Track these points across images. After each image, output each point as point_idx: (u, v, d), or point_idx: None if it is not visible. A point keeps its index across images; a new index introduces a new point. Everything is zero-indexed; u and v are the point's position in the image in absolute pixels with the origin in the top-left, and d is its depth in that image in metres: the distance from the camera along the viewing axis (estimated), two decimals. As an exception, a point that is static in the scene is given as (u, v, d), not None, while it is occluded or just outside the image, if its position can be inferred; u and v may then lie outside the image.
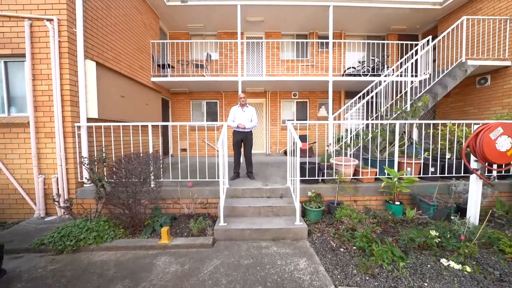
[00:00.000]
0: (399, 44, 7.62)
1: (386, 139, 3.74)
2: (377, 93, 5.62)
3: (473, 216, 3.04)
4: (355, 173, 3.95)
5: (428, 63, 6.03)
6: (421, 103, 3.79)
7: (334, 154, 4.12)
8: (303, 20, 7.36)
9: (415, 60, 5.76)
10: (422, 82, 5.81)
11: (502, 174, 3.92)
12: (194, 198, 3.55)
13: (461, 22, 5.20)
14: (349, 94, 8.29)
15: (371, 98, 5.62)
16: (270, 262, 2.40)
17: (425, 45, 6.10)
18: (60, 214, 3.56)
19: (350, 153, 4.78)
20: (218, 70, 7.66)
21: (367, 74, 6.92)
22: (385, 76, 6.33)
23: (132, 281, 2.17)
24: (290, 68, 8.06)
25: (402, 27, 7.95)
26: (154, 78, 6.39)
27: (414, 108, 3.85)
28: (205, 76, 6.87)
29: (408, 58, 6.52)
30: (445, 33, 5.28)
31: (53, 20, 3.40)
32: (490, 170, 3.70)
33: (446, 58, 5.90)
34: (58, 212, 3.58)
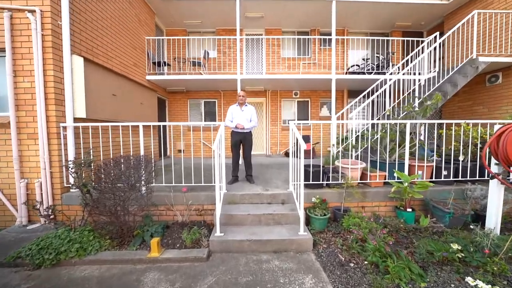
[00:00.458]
0: (404, 41, 7.34)
1: (396, 140, 3.47)
2: (381, 92, 5.36)
3: (493, 224, 2.77)
4: (362, 176, 3.68)
5: (435, 61, 5.79)
6: (433, 101, 3.52)
7: (341, 156, 3.85)
8: (305, 16, 7.10)
9: (422, 57, 5.49)
10: (428, 80, 5.56)
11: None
12: (188, 205, 3.28)
13: (472, 17, 4.92)
14: (352, 93, 8.01)
15: (376, 97, 5.35)
16: (271, 280, 2.13)
17: (432, 41, 5.84)
18: (43, 222, 3.29)
19: (355, 155, 4.51)
20: (216, 68, 7.38)
21: (372, 72, 6.65)
22: (390, 74, 6.07)
23: (114, 303, 1.90)
24: (292, 66, 7.79)
25: (407, 24, 7.67)
26: (149, 76, 6.11)
27: (425, 107, 3.58)
28: (202, 74, 6.59)
29: (415, 55, 6.25)
30: (455, 27, 5.01)
31: (35, 11, 3.13)
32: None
33: (454, 55, 5.62)
34: (41, 219, 3.30)
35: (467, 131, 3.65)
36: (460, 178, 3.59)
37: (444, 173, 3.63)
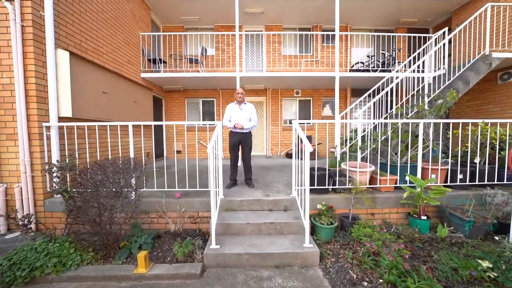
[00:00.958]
0: (411, 37, 7.03)
1: (408, 141, 3.19)
2: (388, 90, 5.08)
3: (520, 235, 2.49)
4: (371, 180, 3.40)
5: (443, 57, 5.51)
6: (448, 99, 3.25)
7: (348, 158, 3.57)
8: (306, 12, 6.83)
9: (432, 53, 5.21)
10: (435, 78, 5.30)
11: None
12: (182, 212, 3.00)
13: (484, 10, 4.65)
14: (355, 92, 7.74)
15: (382, 95, 5.07)
16: (274, 303, 1.85)
17: (440, 37, 5.57)
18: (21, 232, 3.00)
19: (360, 156, 4.23)
20: (215, 66, 7.10)
21: (377, 70, 6.37)
22: (396, 71, 5.79)
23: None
24: (293, 64, 7.51)
25: (412, 20, 7.40)
26: (144, 74, 5.84)
27: (439, 105, 3.30)
28: (200, 72, 6.32)
29: (423, 51, 5.97)
30: (467, 21, 4.73)
31: (14, 0, 2.86)
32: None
33: (466, 51, 5.33)
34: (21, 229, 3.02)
35: (484, 131, 3.36)
36: (477, 182, 3.31)
37: (459, 176, 3.35)
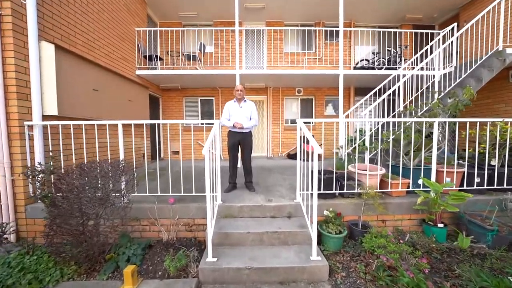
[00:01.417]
0: (417, 34, 6.79)
1: (422, 141, 2.95)
2: (395, 88, 4.84)
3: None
4: (381, 184, 3.15)
5: (451, 54, 5.29)
6: (465, 96, 3.01)
7: (353, 160, 3.32)
8: (309, 7, 6.57)
9: (441, 50, 4.97)
10: (443, 76, 5.07)
11: None
12: (176, 219, 2.75)
13: (498, 3, 4.41)
14: (359, 91, 7.50)
15: (389, 93, 4.82)
16: (279, 330, 1.60)
17: (449, 34, 5.32)
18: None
19: (368, 158, 3.99)
20: (213, 63, 6.84)
21: (382, 68, 6.12)
22: (403, 69, 5.55)
23: None
24: (295, 61, 7.25)
25: (418, 17, 7.16)
26: (140, 71, 5.58)
27: (455, 103, 3.05)
28: (198, 69, 6.06)
29: (431, 48, 5.72)
30: (479, 16, 4.48)
31: (-9, -14, 2.61)
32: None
33: (476, 47, 5.08)
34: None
35: (504, 131, 3.12)
36: (495, 186, 3.06)
37: (476, 180, 3.11)
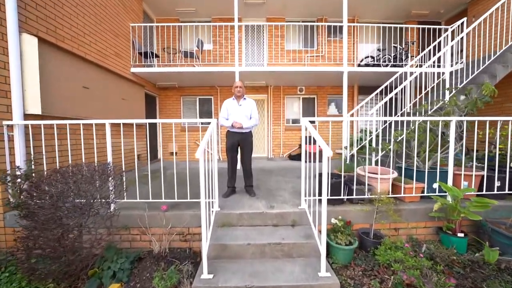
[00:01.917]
0: (424, 30, 6.52)
1: (438, 142, 2.70)
2: (403, 86, 4.60)
3: None
4: (393, 188, 2.90)
5: (461, 51, 5.05)
6: (485, 92, 2.76)
7: (358, 162, 3.07)
8: (311, 2, 6.33)
9: (450, 46, 4.72)
10: (454, 73, 4.84)
11: None
12: (169, 228, 2.50)
13: (512, -4, 4.17)
14: (362, 89, 7.25)
15: (397, 91, 4.58)
16: None
17: (459, 29, 5.07)
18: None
19: (374, 160, 3.74)
20: (212, 61, 6.60)
21: (388, 65, 5.88)
22: (409, 66, 5.30)
23: None
24: (297, 59, 6.99)
25: (424, 12, 6.93)
26: (135, 69, 5.33)
27: (473, 100, 2.81)
28: (195, 66, 5.81)
29: (438, 44, 5.48)
30: (492, 9, 4.24)
31: (-36, -29, 2.37)
32: None
33: (489, 43, 4.83)
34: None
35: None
36: (516, 191, 2.82)
37: (496, 184, 2.86)
